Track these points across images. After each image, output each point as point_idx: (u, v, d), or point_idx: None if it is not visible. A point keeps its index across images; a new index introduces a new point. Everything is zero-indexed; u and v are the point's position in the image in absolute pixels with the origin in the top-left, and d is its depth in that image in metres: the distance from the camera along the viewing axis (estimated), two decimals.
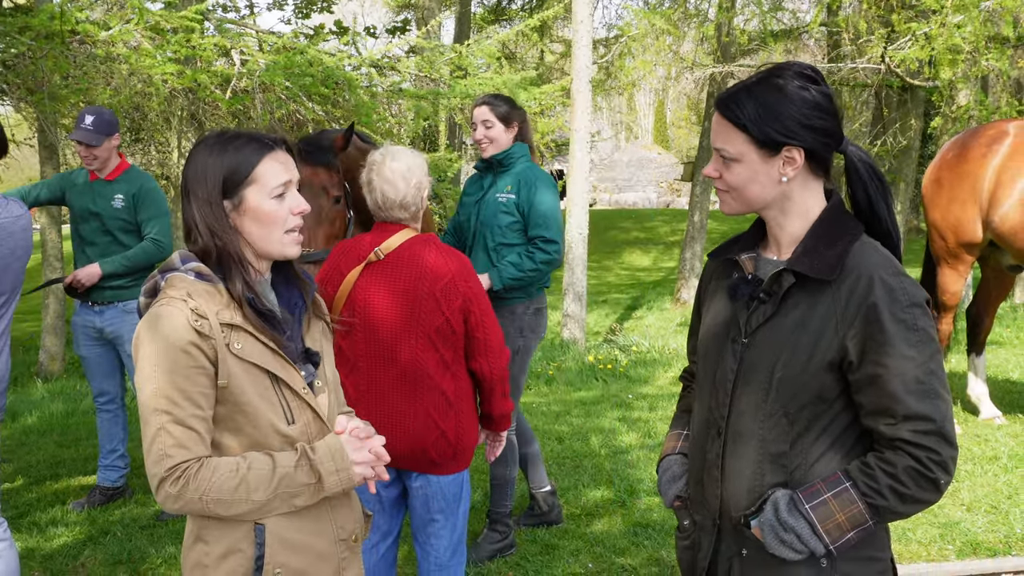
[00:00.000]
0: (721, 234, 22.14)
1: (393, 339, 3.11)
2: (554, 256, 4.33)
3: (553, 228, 4.33)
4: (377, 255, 3.13)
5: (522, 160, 4.48)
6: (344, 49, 9.32)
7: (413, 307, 3.09)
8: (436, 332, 3.10)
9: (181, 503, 1.88)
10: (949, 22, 9.25)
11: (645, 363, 9.37)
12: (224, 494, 1.88)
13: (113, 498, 5.37)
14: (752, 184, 1.92)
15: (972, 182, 6.08)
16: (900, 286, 1.83)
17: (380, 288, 3.13)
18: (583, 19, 9.74)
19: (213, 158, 2.00)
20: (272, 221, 2.00)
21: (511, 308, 4.43)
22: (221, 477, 1.88)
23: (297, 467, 1.93)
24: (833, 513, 1.82)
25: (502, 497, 4.58)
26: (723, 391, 1.98)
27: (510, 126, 4.48)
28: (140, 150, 11.84)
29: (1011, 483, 5.21)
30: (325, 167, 4.11)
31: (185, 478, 1.86)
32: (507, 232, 4.38)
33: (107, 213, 5.11)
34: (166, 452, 1.86)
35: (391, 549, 3.41)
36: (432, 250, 3.15)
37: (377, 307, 3.12)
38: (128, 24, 7.33)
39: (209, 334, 1.89)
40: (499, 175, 4.50)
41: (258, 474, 1.90)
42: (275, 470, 1.92)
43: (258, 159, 2.00)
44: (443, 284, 3.09)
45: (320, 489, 1.97)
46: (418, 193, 3.16)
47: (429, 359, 3.11)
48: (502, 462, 4.54)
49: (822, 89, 1.91)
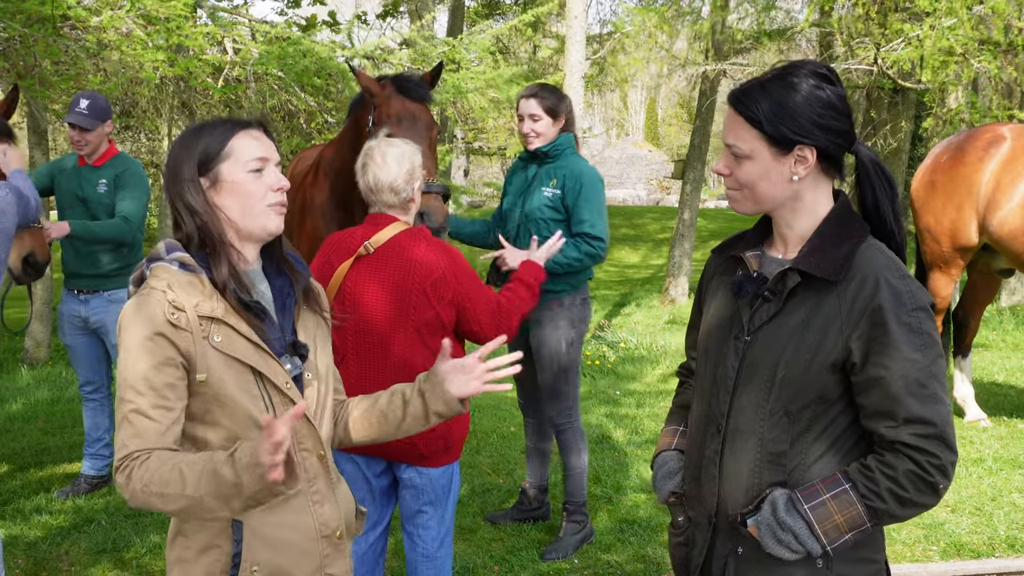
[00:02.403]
0: (710, 232, 22.19)
1: (382, 332, 3.11)
2: (599, 251, 4.27)
3: (599, 226, 4.27)
4: (367, 248, 3.13)
5: (568, 152, 4.40)
6: (337, 40, 9.28)
7: (402, 301, 3.09)
8: (425, 325, 3.10)
9: (128, 493, 1.84)
10: (941, 24, 9.28)
11: (633, 360, 9.38)
12: (161, 486, 1.80)
13: (98, 487, 5.35)
14: (763, 182, 1.91)
15: (969, 186, 6.07)
16: (906, 289, 1.82)
17: (369, 282, 3.12)
18: (577, 15, 9.72)
19: (191, 141, 2.01)
20: (249, 194, 1.98)
21: (560, 300, 4.40)
22: (162, 469, 1.81)
23: (224, 463, 1.77)
24: (831, 514, 1.82)
25: (579, 487, 4.59)
26: (724, 388, 1.97)
27: (557, 119, 4.39)
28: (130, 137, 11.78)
29: (995, 485, 5.24)
30: (424, 102, 4.06)
31: (131, 467, 1.82)
32: (552, 226, 4.31)
33: (93, 198, 5.10)
34: (124, 442, 1.85)
35: (380, 539, 3.41)
36: (422, 244, 3.14)
37: (366, 301, 3.12)
38: (120, 11, 7.28)
39: (185, 327, 1.87)
40: (544, 166, 4.42)
41: (194, 469, 1.79)
42: (206, 465, 1.79)
43: (231, 135, 2.00)
44: (433, 278, 3.08)
45: (240, 489, 1.75)
46: (410, 179, 3.15)
47: (418, 352, 3.11)
48: (576, 451, 4.56)
49: (836, 89, 1.89)
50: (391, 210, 3.19)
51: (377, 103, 3.97)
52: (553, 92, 4.45)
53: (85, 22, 7.14)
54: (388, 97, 3.97)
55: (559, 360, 4.43)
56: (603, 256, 4.33)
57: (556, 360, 4.43)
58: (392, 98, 3.96)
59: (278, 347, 2.02)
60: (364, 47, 9.08)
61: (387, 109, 3.94)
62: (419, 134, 3.88)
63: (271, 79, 7.94)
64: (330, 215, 4.34)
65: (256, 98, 8.04)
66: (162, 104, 9.00)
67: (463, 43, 9.67)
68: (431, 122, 4.02)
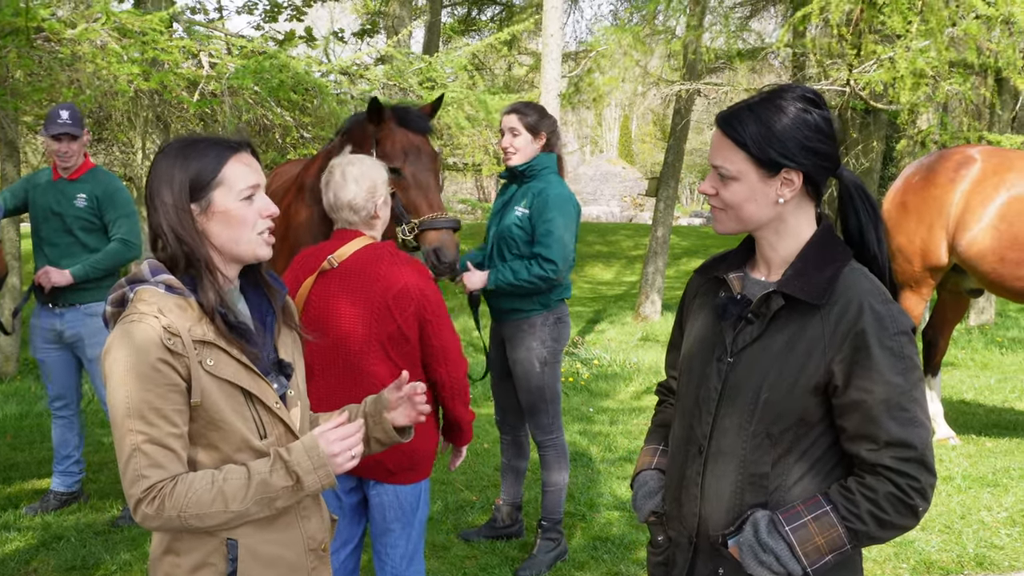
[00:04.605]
0: (683, 250, 22.29)
1: (346, 347, 3.12)
2: (550, 275, 4.24)
3: (554, 248, 4.23)
4: (330, 263, 3.15)
5: (545, 172, 4.40)
6: (313, 55, 9.27)
7: (365, 314, 3.09)
8: (388, 339, 3.11)
9: (160, 522, 1.86)
10: (914, 47, 9.41)
11: (607, 377, 9.39)
12: (202, 508, 1.85)
13: (68, 503, 5.28)
14: (749, 203, 1.92)
15: (939, 206, 6.15)
16: (889, 313, 1.85)
17: (333, 296, 3.14)
18: (553, 32, 9.77)
19: (178, 163, 1.97)
20: (241, 223, 1.97)
21: (530, 321, 4.41)
22: (197, 492, 1.85)
23: (272, 471, 1.90)
24: (812, 536, 1.83)
25: (556, 504, 4.58)
26: (706, 410, 1.98)
27: (537, 136, 4.39)
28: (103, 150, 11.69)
29: (964, 503, 5.29)
30: (426, 135, 4.08)
31: (161, 497, 1.84)
32: (521, 246, 4.34)
33: (69, 213, 5.03)
34: (141, 473, 1.84)
35: (351, 556, 3.41)
36: (385, 257, 3.15)
37: (330, 315, 3.13)
38: (95, 23, 7.25)
39: (182, 352, 1.86)
40: (522, 186, 4.43)
41: (234, 485, 1.88)
42: (251, 478, 1.89)
43: (224, 161, 1.97)
44: (395, 291, 3.09)
45: (300, 489, 1.92)
46: (370, 198, 3.17)
47: (381, 366, 3.11)
48: (557, 469, 4.55)
49: (823, 113, 1.91)
50: (354, 226, 3.21)
51: (380, 136, 3.97)
52: (535, 109, 4.46)
53: (59, 34, 7.10)
54: (392, 130, 3.98)
55: (533, 379, 4.44)
56: (556, 280, 4.31)
57: (529, 379, 4.44)
58: (395, 131, 3.98)
59: (264, 367, 2.02)
60: (340, 63, 9.09)
61: (391, 143, 3.95)
62: (424, 167, 3.95)
63: (247, 93, 7.92)
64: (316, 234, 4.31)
65: (231, 112, 8.01)
66: (136, 117, 8.94)
67: (439, 59, 9.70)
68: (434, 153, 4.05)
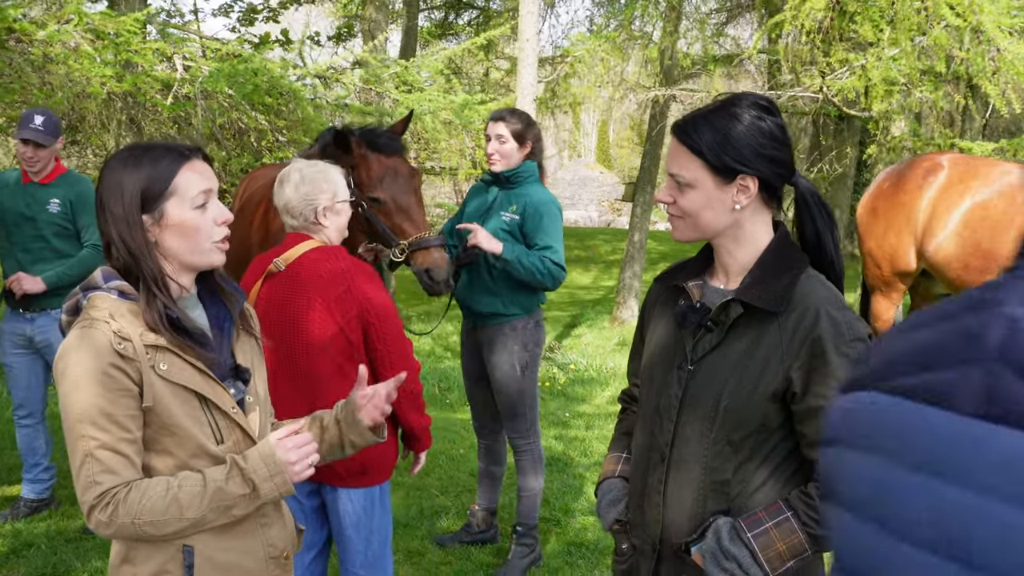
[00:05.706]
0: (660, 254, 22.37)
1: (290, 349, 3.11)
2: (558, 276, 4.27)
3: (560, 254, 4.28)
4: (277, 266, 3.14)
5: (530, 180, 4.40)
6: (289, 58, 9.24)
7: (307, 317, 3.08)
8: (331, 340, 3.09)
9: (113, 529, 1.84)
10: (885, 55, 9.49)
11: (583, 382, 9.41)
12: (156, 515, 1.84)
13: (38, 510, 5.23)
14: (706, 211, 1.94)
15: (908, 213, 6.23)
16: (845, 320, 1.86)
17: (278, 299, 3.13)
18: (529, 37, 9.78)
19: (128, 172, 1.92)
20: (196, 232, 1.94)
21: (512, 324, 4.41)
22: (152, 499, 1.84)
23: (228, 479, 1.89)
24: (774, 542, 1.85)
25: (531, 509, 4.58)
26: (667, 418, 1.99)
27: (523, 144, 4.39)
28: (76, 152, 11.59)
29: None
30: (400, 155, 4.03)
31: (114, 503, 1.82)
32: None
33: (41, 217, 4.96)
34: (94, 479, 1.82)
35: (316, 561, 3.40)
36: (331, 260, 3.14)
37: (275, 318, 3.12)
38: (67, 25, 7.19)
39: (133, 356, 1.85)
40: (506, 191, 4.42)
41: (189, 492, 1.86)
42: (206, 486, 1.88)
43: (176, 169, 1.93)
44: (337, 293, 3.07)
45: (256, 497, 1.92)
46: (307, 203, 3.14)
47: (324, 368, 3.10)
48: (533, 474, 4.55)
49: (776, 120, 1.93)
50: (297, 230, 3.20)
51: (354, 163, 3.92)
52: (522, 118, 4.47)
53: (31, 35, 7.04)
54: (364, 156, 3.93)
55: (512, 383, 4.44)
56: (559, 282, 4.33)
57: (509, 383, 4.44)
58: (368, 157, 3.93)
59: (221, 372, 2.01)
60: (316, 67, 9.05)
61: (366, 171, 3.90)
62: (403, 189, 3.91)
63: (221, 96, 7.88)
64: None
65: (206, 116, 7.97)
66: (109, 120, 8.87)
67: (416, 64, 9.69)
68: (411, 171, 4.01)
